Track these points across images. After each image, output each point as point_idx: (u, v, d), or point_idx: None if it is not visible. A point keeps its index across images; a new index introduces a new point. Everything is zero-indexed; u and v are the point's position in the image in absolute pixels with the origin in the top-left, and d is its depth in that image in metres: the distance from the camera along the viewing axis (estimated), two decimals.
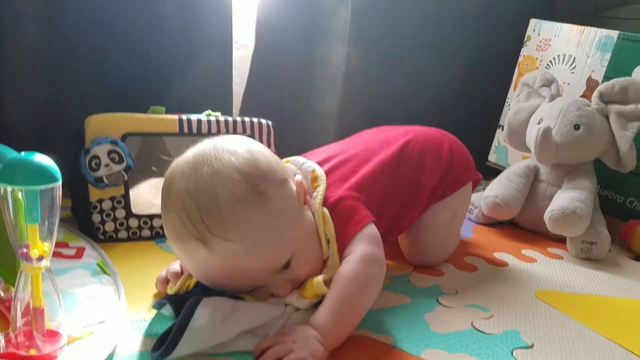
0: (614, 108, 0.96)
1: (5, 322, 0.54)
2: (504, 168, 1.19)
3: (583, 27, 1.11)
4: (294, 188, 0.62)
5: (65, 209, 0.87)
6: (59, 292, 0.52)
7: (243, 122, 0.93)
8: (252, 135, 0.93)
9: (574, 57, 1.12)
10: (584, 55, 1.10)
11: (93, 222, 0.81)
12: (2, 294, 0.57)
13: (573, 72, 1.12)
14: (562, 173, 0.99)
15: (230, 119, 0.92)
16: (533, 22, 1.21)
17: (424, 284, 0.76)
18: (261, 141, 0.94)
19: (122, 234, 0.82)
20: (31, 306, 0.50)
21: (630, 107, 0.95)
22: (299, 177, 0.65)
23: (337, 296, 0.58)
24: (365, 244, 0.62)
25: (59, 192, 0.48)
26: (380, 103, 1.28)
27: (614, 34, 1.05)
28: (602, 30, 1.07)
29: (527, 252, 0.93)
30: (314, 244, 0.63)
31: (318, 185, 0.65)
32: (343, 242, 0.63)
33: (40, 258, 0.49)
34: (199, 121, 0.89)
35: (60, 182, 0.48)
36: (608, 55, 1.05)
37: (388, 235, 0.72)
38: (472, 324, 0.66)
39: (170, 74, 1.07)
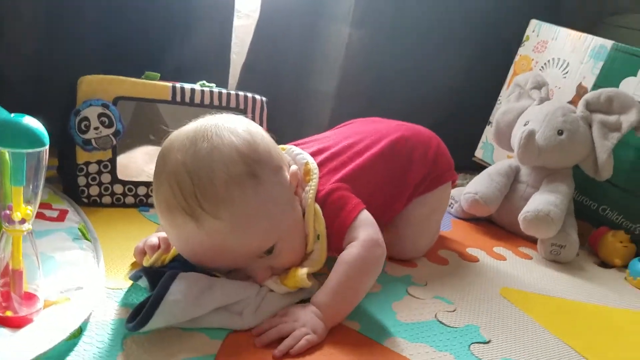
0: (597, 117, 0.98)
1: None
2: (489, 165, 1.21)
3: (580, 33, 1.12)
4: (288, 177, 0.64)
5: (51, 168, 0.88)
6: (39, 255, 0.54)
7: (237, 95, 0.93)
8: (245, 110, 0.94)
9: (568, 62, 1.13)
10: (578, 62, 1.11)
11: (78, 184, 0.82)
12: None
13: (565, 77, 1.14)
14: (541, 175, 1.02)
15: (224, 91, 0.93)
16: (533, 23, 1.22)
17: (397, 274, 0.79)
18: (254, 117, 0.95)
19: (106, 199, 0.84)
20: (10, 268, 0.51)
21: (613, 118, 0.97)
22: (294, 167, 0.66)
23: (339, 278, 0.61)
24: (364, 229, 0.65)
25: (45, 156, 0.49)
26: (377, 88, 1.29)
27: (608, 43, 1.06)
28: (598, 38, 1.08)
29: (499, 249, 0.96)
30: (299, 235, 0.64)
31: (311, 179, 0.67)
32: (338, 232, 0.65)
33: (22, 221, 0.50)
34: (193, 90, 0.89)
35: (47, 147, 0.49)
36: (600, 64, 1.07)
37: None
38: (435, 316, 0.69)
39: (168, 39, 1.07)
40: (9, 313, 0.51)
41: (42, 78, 0.95)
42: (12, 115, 0.48)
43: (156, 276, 0.58)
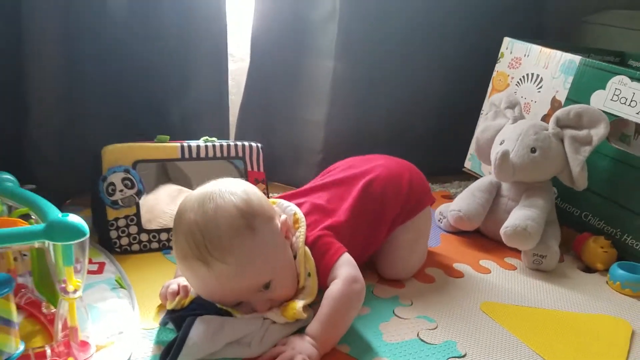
0: (568, 133, 1.07)
1: (48, 333, 0.70)
2: (479, 175, 1.32)
3: (550, 49, 1.21)
4: (279, 225, 0.78)
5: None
6: (88, 310, 0.68)
7: (236, 145, 1.07)
8: (243, 157, 1.07)
9: (541, 77, 1.22)
10: (550, 76, 1.20)
11: (110, 237, 0.96)
12: (45, 311, 0.72)
13: (539, 92, 1.23)
14: (520, 190, 1.12)
15: (224, 143, 1.06)
16: (506, 41, 1.31)
17: (385, 295, 0.90)
18: (251, 161, 1.08)
19: (135, 247, 0.98)
20: (68, 325, 0.65)
21: (583, 133, 1.06)
22: (283, 217, 0.80)
23: (327, 311, 0.75)
24: (344, 268, 0.78)
25: (87, 242, 0.63)
26: (364, 114, 1.40)
27: (577, 59, 1.15)
28: (567, 54, 1.17)
29: (485, 262, 1.06)
30: (291, 272, 0.78)
31: (299, 226, 0.81)
32: (324, 271, 0.78)
33: (74, 291, 0.64)
34: (198, 147, 1.03)
35: (88, 236, 0.63)
36: (570, 79, 1.15)
37: (360, 258, 0.86)
38: (417, 334, 0.80)
39: (171, 94, 1.20)
40: (70, 359, 0.65)
41: (67, 144, 1.10)
42: (60, 215, 0.62)
43: (179, 320, 0.72)
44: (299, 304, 0.75)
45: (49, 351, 0.65)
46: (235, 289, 0.73)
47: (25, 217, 0.74)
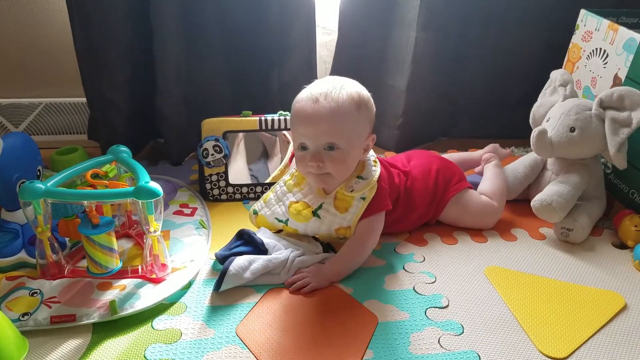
0: (610, 114, 1.09)
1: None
2: None
3: (617, 25, 1.18)
4: (368, 137, 1.01)
5: (194, 183, 1.36)
6: (170, 242, 1.00)
7: None
8: None
9: (607, 53, 1.21)
10: (614, 53, 1.19)
11: (206, 188, 1.28)
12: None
13: (605, 67, 1.22)
14: (563, 165, 1.17)
15: None
16: (582, 13, 1.30)
17: (403, 252, 1.08)
18: None
19: (223, 197, 1.29)
20: (152, 253, 0.97)
21: (624, 114, 1.07)
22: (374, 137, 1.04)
23: (340, 254, 1.00)
24: (374, 222, 1.02)
25: (162, 201, 0.93)
26: (442, 82, 1.51)
27: (637, 37, 1.12)
28: (629, 31, 1.15)
29: (515, 230, 1.16)
30: (351, 161, 0.99)
31: (377, 166, 1.05)
32: (368, 210, 1.01)
33: (155, 231, 0.95)
34: (273, 120, 1.27)
35: (161, 196, 0.92)
36: (631, 57, 1.14)
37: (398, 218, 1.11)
38: (414, 287, 0.98)
39: (270, 70, 1.45)
40: (154, 275, 0.97)
41: (187, 114, 1.42)
42: (144, 182, 0.92)
43: (224, 258, 1.00)
44: (356, 196, 1.01)
45: (140, 269, 0.98)
46: (318, 127, 0.94)
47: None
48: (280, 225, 1.08)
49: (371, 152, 1.07)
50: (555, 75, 1.23)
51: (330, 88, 0.95)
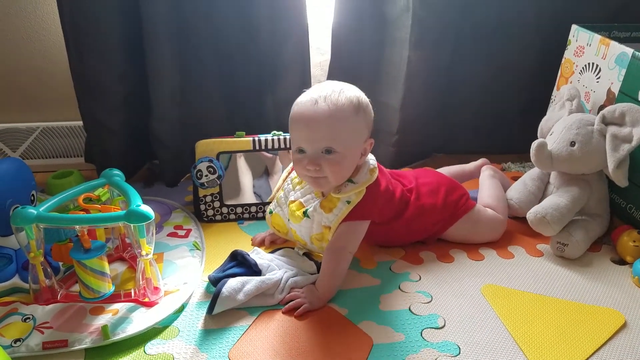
0: (611, 129, 1.08)
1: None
2: None
3: (608, 40, 1.19)
4: (366, 141, 1.00)
5: (188, 204, 1.36)
6: (163, 265, 0.99)
7: None
8: None
9: (600, 68, 1.21)
10: (607, 67, 1.19)
11: (200, 209, 1.28)
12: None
13: (598, 82, 1.22)
14: (563, 179, 1.17)
15: (289, 135, 1.28)
16: (574, 28, 1.30)
17: (399, 271, 1.07)
18: None
19: (218, 217, 1.28)
20: (145, 277, 0.97)
21: (625, 131, 1.06)
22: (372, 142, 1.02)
23: (322, 268, 1.00)
24: (354, 227, 1.01)
25: (154, 224, 0.93)
26: (436, 99, 1.51)
27: (629, 51, 1.12)
28: (621, 46, 1.15)
29: (512, 247, 1.15)
30: (347, 166, 0.98)
31: (374, 174, 1.02)
32: (351, 215, 0.99)
33: (147, 254, 0.95)
34: (267, 140, 1.27)
35: (153, 219, 0.92)
36: (624, 71, 1.14)
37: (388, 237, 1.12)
38: (409, 307, 0.97)
39: (265, 91, 1.46)
40: (146, 299, 0.97)
41: (181, 137, 1.43)
42: (136, 205, 0.91)
43: (216, 280, 0.99)
44: (340, 198, 1.00)
45: (132, 293, 0.97)
46: (317, 129, 0.94)
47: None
48: (289, 225, 1.09)
49: (372, 159, 1.06)
50: (564, 89, 1.23)
51: (329, 91, 0.96)
